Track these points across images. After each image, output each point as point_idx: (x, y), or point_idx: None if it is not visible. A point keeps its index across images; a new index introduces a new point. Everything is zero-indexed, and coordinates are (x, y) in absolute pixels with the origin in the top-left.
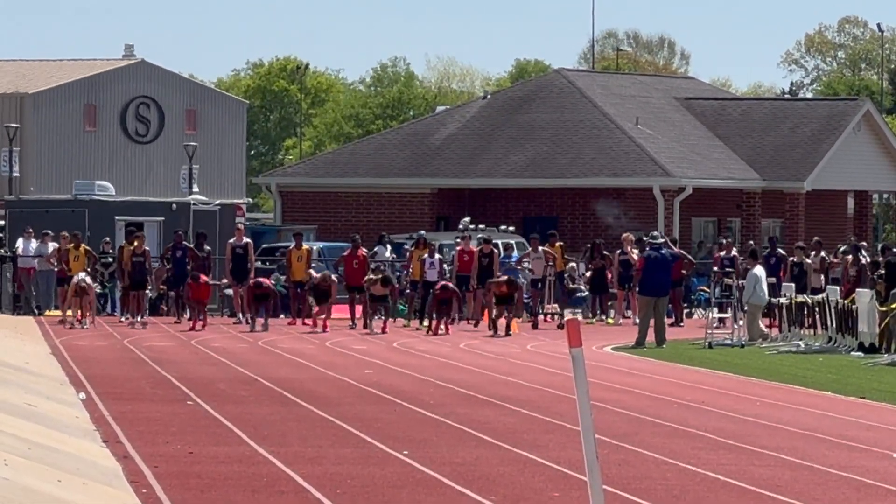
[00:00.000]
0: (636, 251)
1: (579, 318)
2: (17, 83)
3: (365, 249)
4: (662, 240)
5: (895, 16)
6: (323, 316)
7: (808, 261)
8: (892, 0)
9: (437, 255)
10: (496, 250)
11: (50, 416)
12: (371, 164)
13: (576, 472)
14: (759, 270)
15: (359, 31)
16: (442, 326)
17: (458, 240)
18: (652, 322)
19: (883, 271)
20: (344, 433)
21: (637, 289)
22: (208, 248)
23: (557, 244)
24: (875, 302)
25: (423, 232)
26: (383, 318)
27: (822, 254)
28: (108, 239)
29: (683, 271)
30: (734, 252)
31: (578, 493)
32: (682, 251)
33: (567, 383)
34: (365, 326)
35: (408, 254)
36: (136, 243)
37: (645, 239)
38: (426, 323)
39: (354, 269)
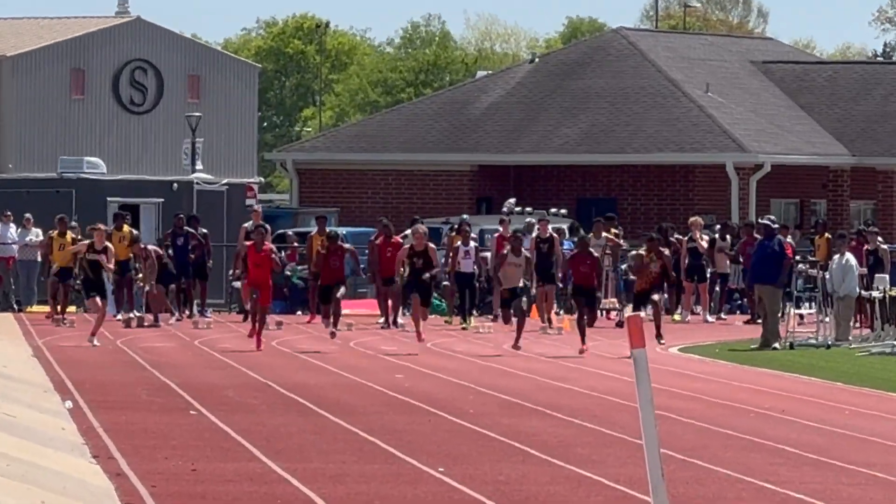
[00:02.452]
0: (706, 238)
1: (642, 314)
2: None
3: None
4: (776, 225)
5: None
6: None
7: (885, 246)
8: None
9: (472, 243)
10: (556, 235)
11: (32, 427)
12: (401, 137)
13: (637, 491)
14: (850, 258)
15: None
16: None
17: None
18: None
19: None
20: (370, 447)
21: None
22: (205, 230)
23: (613, 230)
24: None
25: (465, 216)
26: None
27: None
28: (74, 222)
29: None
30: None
31: None
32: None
33: (627, 389)
34: (395, 323)
35: (447, 240)
36: (96, 237)
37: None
38: (471, 321)
39: (388, 259)
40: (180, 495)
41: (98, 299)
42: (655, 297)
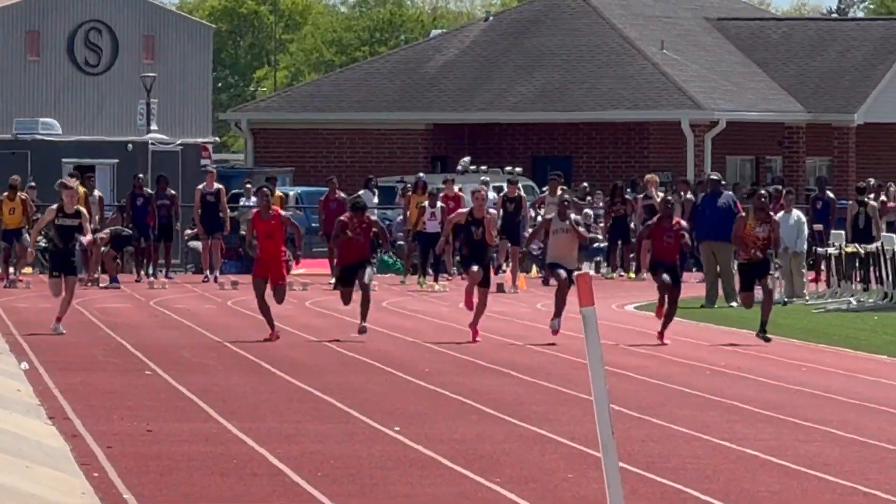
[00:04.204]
0: (663, 195)
1: (591, 272)
2: None
3: (343, 193)
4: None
5: None
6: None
7: (874, 203)
8: None
9: (438, 203)
10: (524, 194)
11: None
12: (356, 96)
13: (592, 448)
14: (800, 214)
15: None
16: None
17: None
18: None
19: None
20: (326, 406)
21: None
22: (172, 191)
23: (559, 188)
24: None
25: (422, 174)
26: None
27: (883, 198)
28: (32, 183)
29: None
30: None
31: (596, 472)
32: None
33: (583, 347)
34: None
35: (402, 199)
36: (64, 198)
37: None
38: (426, 280)
39: (333, 213)
40: (136, 456)
41: (63, 280)
42: (768, 282)
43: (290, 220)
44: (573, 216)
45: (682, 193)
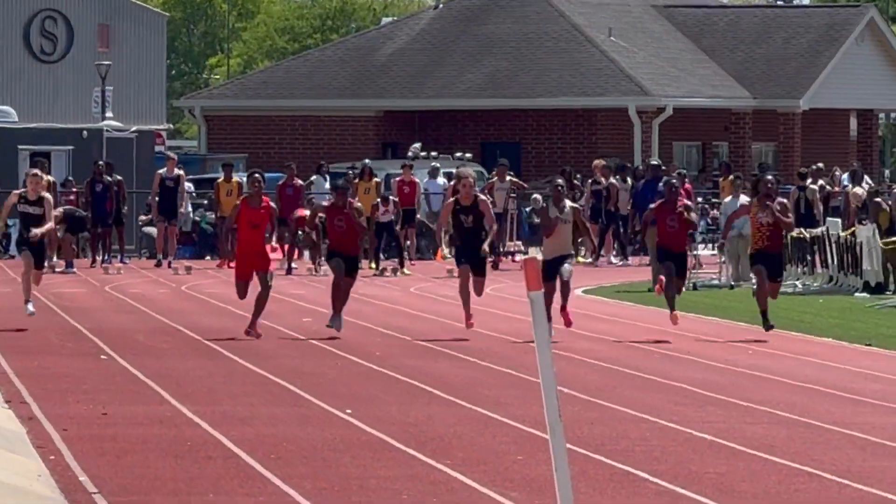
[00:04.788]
0: (611, 181)
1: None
2: None
3: (300, 180)
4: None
5: None
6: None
7: (814, 187)
8: None
9: (391, 198)
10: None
11: None
12: (308, 84)
13: (542, 431)
14: (745, 199)
15: None
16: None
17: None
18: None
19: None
20: (279, 390)
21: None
22: (119, 177)
23: (510, 175)
24: (877, 237)
25: (367, 161)
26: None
27: (821, 182)
28: None
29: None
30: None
31: (545, 454)
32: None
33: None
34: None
35: (350, 186)
36: (28, 185)
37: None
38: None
39: (289, 199)
40: (91, 438)
41: (32, 267)
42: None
43: (273, 209)
44: (568, 204)
45: (627, 180)
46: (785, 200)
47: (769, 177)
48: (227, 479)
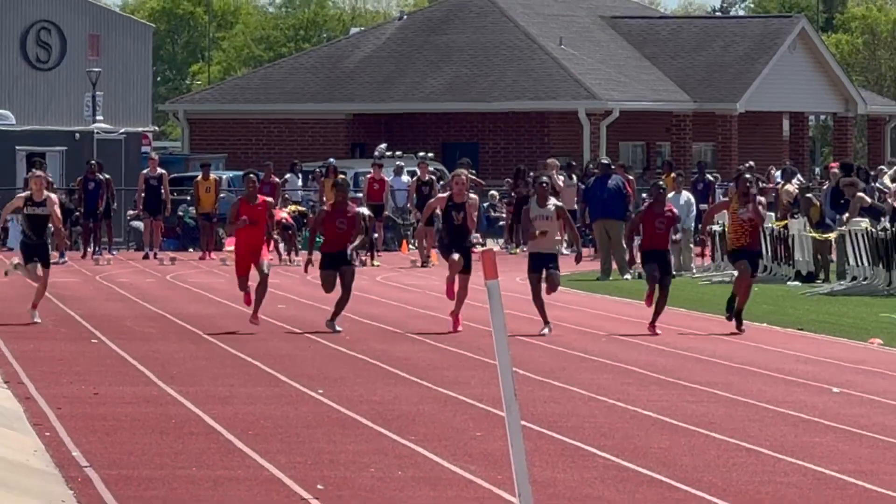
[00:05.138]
0: (561, 177)
1: (496, 247)
2: None
3: (276, 178)
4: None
5: None
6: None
7: (768, 185)
8: None
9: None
10: (435, 178)
11: None
12: (282, 89)
13: (499, 409)
14: (689, 196)
15: None
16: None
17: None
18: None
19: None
20: (256, 371)
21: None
22: (108, 175)
23: (471, 172)
24: (808, 229)
25: (332, 160)
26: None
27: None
28: None
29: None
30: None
31: (502, 431)
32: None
33: (489, 317)
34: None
35: (319, 183)
36: (32, 186)
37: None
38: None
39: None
40: (84, 416)
41: (40, 267)
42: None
43: (271, 206)
44: (552, 202)
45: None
46: (763, 199)
47: (748, 175)
48: (209, 454)
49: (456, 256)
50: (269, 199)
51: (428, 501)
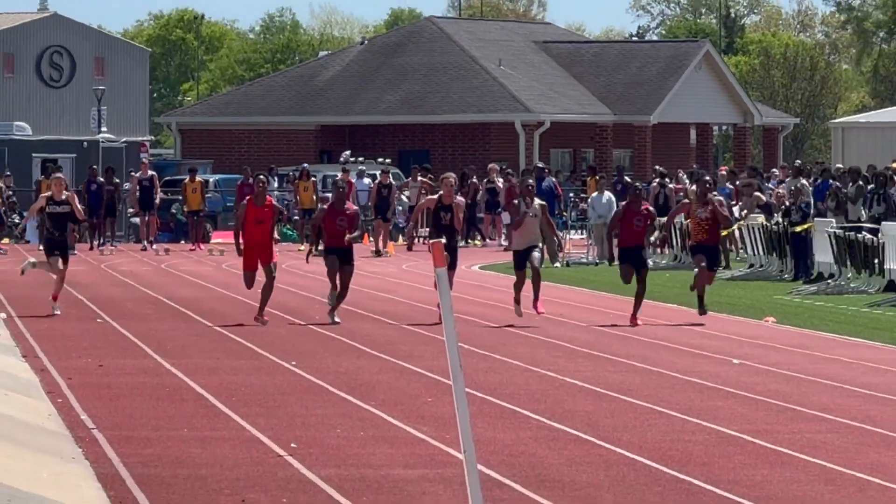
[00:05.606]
0: (500, 180)
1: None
2: None
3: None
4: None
5: None
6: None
7: (671, 186)
8: None
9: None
10: (393, 181)
11: None
12: (261, 104)
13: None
14: (610, 195)
15: None
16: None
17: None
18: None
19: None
20: (238, 346)
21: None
22: (117, 180)
23: (423, 176)
24: None
25: (306, 165)
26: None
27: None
28: (8, 173)
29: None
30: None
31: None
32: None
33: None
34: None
35: (294, 184)
36: (53, 187)
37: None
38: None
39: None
40: (90, 385)
41: (60, 261)
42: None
43: (277, 207)
44: (537, 202)
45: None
46: (721, 198)
47: (707, 178)
48: (198, 417)
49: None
50: (276, 203)
51: (386, 457)
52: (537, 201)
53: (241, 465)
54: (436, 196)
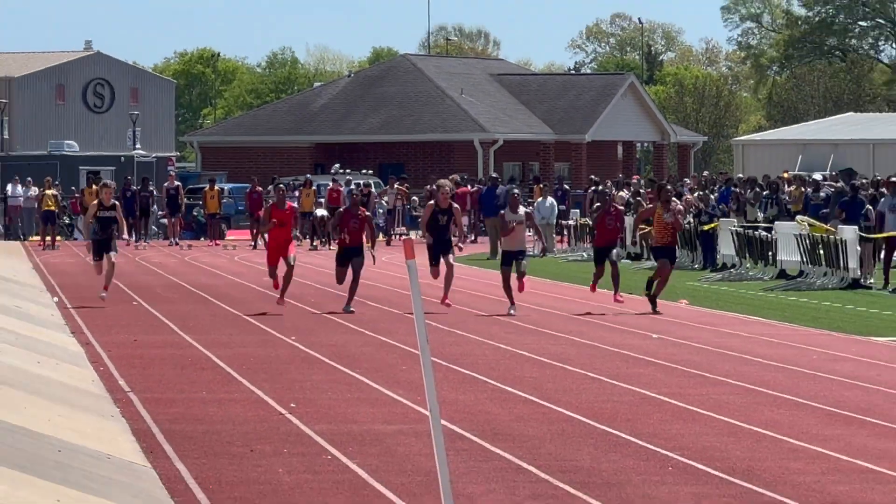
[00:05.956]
0: (468, 187)
1: (413, 237)
2: (5, 69)
3: (260, 188)
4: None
5: (651, 12)
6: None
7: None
8: (650, 1)
9: (322, 200)
10: (374, 189)
11: (32, 314)
12: (267, 125)
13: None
14: (550, 200)
15: (257, 27)
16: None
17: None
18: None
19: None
20: (248, 325)
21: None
22: (151, 188)
23: (399, 184)
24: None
25: (309, 175)
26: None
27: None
28: (57, 182)
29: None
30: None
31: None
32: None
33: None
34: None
35: (298, 192)
36: (103, 194)
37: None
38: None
39: (254, 201)
40: (126, 357)
41: (104, 260)
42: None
43: (296, 211)
44: (522, 209)
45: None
46: (681, 206)
47: (669, 186)
48: (214, 383)
49: (434, 268)
50: (295, 205)
51: (368, 415)
52: (522, 209)
53: (250, 421)
54: (432, 202)
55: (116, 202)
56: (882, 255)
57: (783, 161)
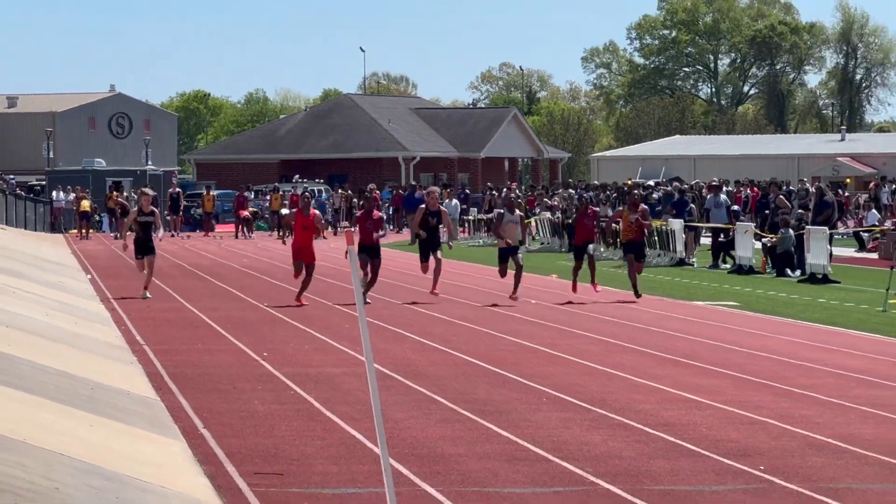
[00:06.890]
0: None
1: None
2: (51, 106)
3: (247, 193)
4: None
5: (529, 61)
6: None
7: (496, 193)
8: (532, 52)
9: (284, 210)
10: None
11: (71, 287)
12: (245, 147)
13: (392, 326)
14: (455, 201)
15: (238, 73)
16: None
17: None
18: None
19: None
20: (232, 295)
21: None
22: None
23: (343, 191)
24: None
25: (276, 184)
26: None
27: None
28: (88, 189)
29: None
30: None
31: (373, 337)
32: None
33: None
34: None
35: (268, 196)
36: (142, 201)
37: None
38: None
39: (241, 204)
40: (142, 319)
41: (145, 260)
42: (635, 254)
43: (319, 216)
44: (517, 212)
45: (401, 192)
46: (647, 207)
47: (636, 190)
48: (209, 339)
49: (426, 262)
50: (317, 212)
51: (321, 361)
52: (517, 212)
53: (233, 366)
54: (423, 206)
55: (154, 209)
56: (701, 240)
57: (627, 171)
